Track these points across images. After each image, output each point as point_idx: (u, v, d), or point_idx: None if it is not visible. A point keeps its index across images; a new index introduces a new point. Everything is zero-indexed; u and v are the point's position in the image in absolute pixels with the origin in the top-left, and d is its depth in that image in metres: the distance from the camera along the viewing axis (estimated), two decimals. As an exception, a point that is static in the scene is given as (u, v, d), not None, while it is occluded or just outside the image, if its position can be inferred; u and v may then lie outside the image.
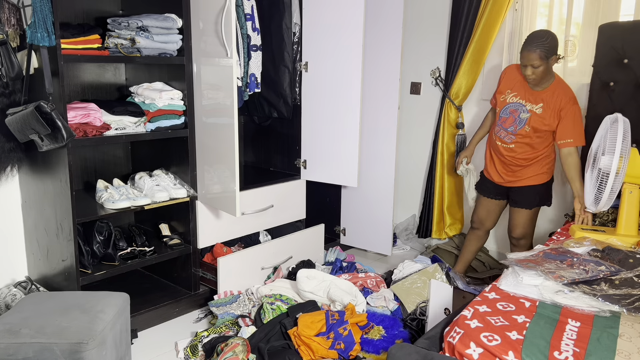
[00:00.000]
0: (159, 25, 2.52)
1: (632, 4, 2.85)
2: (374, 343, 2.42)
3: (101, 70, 2.90)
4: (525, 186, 2.75)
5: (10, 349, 1.72)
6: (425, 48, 3.63)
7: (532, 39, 2.51)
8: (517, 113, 2.65)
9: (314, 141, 3.21)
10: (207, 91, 2.59)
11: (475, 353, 1.51)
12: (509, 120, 2.68)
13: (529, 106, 2.63)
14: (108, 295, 2.05)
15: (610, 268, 1.91)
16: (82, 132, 2.36)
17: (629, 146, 2.25)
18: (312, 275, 2.70)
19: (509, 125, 2.68)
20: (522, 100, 2.66)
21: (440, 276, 2.79)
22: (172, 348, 2.50)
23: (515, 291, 1.85)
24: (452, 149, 3.50)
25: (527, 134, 2.64)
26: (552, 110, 2.59)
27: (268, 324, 2.45)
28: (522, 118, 2.63)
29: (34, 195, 2.56)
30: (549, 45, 2.48)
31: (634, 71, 2.69)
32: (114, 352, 1.92)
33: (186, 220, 2.81)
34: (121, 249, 2.66)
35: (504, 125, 2.70)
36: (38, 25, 2.13)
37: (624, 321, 1.65)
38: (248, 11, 2.91)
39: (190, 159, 2.72)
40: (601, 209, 2.35)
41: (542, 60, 2.48)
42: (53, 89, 2.23)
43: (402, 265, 3.04)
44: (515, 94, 2.69)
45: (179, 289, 2.88)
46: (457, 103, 3.43)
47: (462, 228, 3.64)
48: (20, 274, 2.70)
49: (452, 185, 3.55)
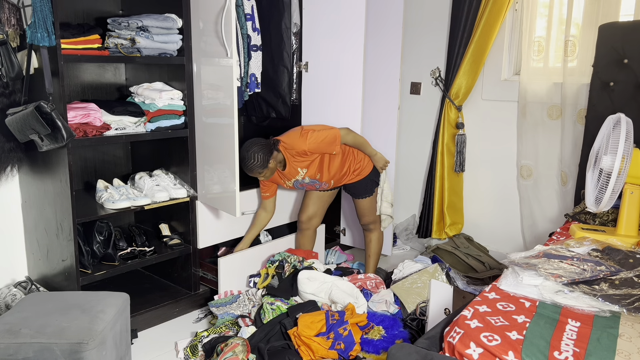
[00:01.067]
0: (159, 25, 2.52)
1: (632, 4, 2.84)
2: (374, 343, 2.42)
3: (101, 70, 2.90)
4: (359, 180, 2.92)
5: (10, 349, 1.72)
6: (425, 48, 3.63)
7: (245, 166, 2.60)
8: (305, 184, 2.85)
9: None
10: (207, 91, 2.59)
11: (475, 353, 1.50)
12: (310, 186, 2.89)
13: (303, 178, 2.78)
14: (108, 295, 2.05)
15: (610, 268, 1.91)
16: (82, 132, 2.36)
17: (631, 147, 2.24)
18: (313, 277, 2.69)
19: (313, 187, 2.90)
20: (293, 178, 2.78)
21: (441, 276, 2.79)
22: (172, 348, 2.50)
23: (515, 291, 1.85)
24: (453, 149, 3.50)
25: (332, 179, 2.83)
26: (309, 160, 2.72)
27: (268, 324, 2.45)
28: (316, 179, 2.80)
29: (34, 195, 2.56)
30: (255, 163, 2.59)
31: (634, 71, 2.69)
32: (114, 352, 1.92)
33: (186, 220, 2.81)
34: (121, 249, 2.66)
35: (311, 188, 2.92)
36: (38, 25, 2.13)
37: (624, 321, 1.65)
38: (248, 11, 2.91)
39: (190, 159, 2.72)
40: (602, 210, 2.34)
41: (262, 169, 2.61)
42: (53, 89, 2.23)
43: (402, 265, 3.04)
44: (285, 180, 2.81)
45: (179, 289, 2.88)
46: (457, 103, 3.43)
47: (463, 228, 3.64)
48: (20, 274, 2.70)
49: (452, 185, 3.55)
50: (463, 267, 3.23)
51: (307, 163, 2.74)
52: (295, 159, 2.72)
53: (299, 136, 2.68)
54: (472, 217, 3.64)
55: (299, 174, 2.76)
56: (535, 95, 3.19)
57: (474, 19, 3.24)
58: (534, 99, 3.20)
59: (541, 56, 3.20)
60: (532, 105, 3.21)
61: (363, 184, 2.94)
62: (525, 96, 3.22)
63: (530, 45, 3.17)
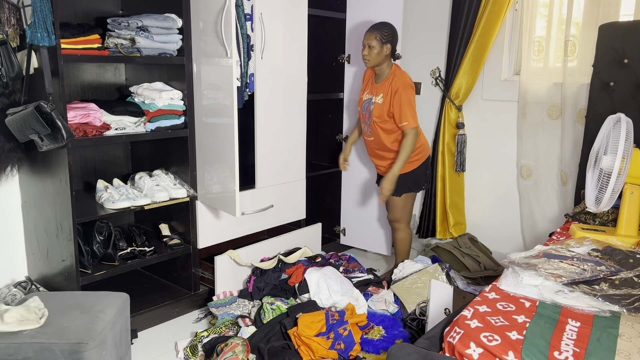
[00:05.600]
0: (159, 25, 2.52)
1: (632, 4, 2.84)
2: (374, 343, 2.42)
3: (101, 70, 2.90)
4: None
5: (10, 349, 1.72)
6: (425, 48, 3.63)
7: (375, 25, 2.83)
8: (368, 107, 2.92)
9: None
10: (207, 91, 2.58)
11: (475, 353, 1.50)
12: (366, 115, 2.97)
13: (374, 99, 2.89)
14: (108, 295, 2.05)
15: (610, 268, 1.91)
16: (82, 132, 2.36)
17: (631, 147, 2.24)
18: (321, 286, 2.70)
19: (367, 120, 2.96)
20: (370, 95, 2.95)
21: (441, 276, 2.79)
22: (172, 348, 2.50)
23: (515, 291, 1.85)
24: (453, 149, 3.50)
25: (375, 124, 2.90)
26: (389, 97, 2.84)
27: (268, 324, 2.45)
28: (370, 110, 2.89)
29: (34, 195, 2.56)
30: (387, 32, 2.81)
31: (634, 71, 2.69)
32: (114, 352, 1.92)
33: (186, 220, 2.81)
34: (121, 249, 2.66)
35: (365, 121, 2.99)
36: (38, 25, 2.13)
37: (624, 321, 1.65)
38: (248, 11, 2.90)
39: (190, 159, 2.72)
40: (602, 210, 2.34)
41: (378, 42, 2.78)
42: (53, 89, 2.23)
43: (402, 265, 3.04)
44: (367, 92, 2.98)
45: (179, 289, 2.88)
46: (457, 103, 3.43)
47: (466, 228, 3.64)
48: (20, 274, 2.70)
49: (454, 185, 3.55)
50: (458, 266, 3.24)
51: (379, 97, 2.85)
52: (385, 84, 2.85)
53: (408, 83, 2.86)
54: (473, 217, 3.64)
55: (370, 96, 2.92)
56: (535, 95, 3.19)
57: (474, 19, 3.24)
58: (534, 99, 3.20)
59: (541, 56, 3.20)
60: (532, 105, 3.21)
61: (400, 181, 2.92)
62: (525, 96, 3.22)
63: (530, 45, 3.17)
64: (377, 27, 2.81)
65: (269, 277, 2.81)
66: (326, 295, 2.63)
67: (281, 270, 2.86)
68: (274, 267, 2.88)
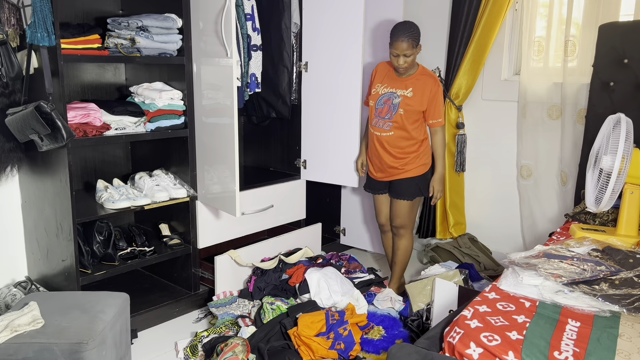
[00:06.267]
0: (159, 25, 2.52)
1: (632, 4, 2.84)
2: (374, 343, 2.42)
3: (101, 70, 2.90)
4: (406, 178, 2.86)
5: (10, 349, 1.72)
6: (425, 48, 3.62)
7: (401, 30, 2.67)
8: (390, 100, 2.82)
9: (314, 141, 3.21)
10: (207, 91, 2.58)
11: (475, 353, 1.50)
12: (385, 109, 2.83)
13: (399, 92, 2.79)
14: (108, 295, 2.05)
15: (610, 268, 1.91)
16: (82, 132, 2.36)
17: (631, 147, 2.24)
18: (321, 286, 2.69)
19: (385, 114, 2.82)
20: (392, 88, 2.81)
21: (459, 280, 2.76)
22: (172, 348, 2.49)
23: (515, 291, 1.85)
24: (453, 149, 3.50)
25: (401, 117, 2.78)
26: (421, 92, 2.75)
27: (268, 324, 2.45)
28: (395, 103, 2.79)
29: (34, 195, 2.56)
30: (416, 34, 2.69)
31: (634, 71, 2.69)
32: (114, 352, 1.92)
33: (186, 220, 2.81)
34: (121, 249, 2.66)
35: (381, 114, 2.84)
36: (38, 25, 2.13)
37: (624, 321, 1.65)
38: (248, 11, 2.91)
39: (190, 159, 2.72)
40: (602, 209, 2.34)
41: (413, 49, 2.68)
42: (53, 89, 2.23)
43: (429, 269, 3.01)
44: (385, 85, 2.85)
45: (179, 289, 2.88)
46: (457, 103, 3.43)
47: (466, 228, 3.64)
48: (20, 274, 2.70)
49: (454, 185, 3.55)
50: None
51: (408, 90, 2.76)
52: (413, 78, 2.77)
53: (438, 80, 2.80)
54: (473, 217, 3.64)
55: (393, 89, 2.80)
56: (535, 95, 3.19)
57: (474, 18, 3.24)
58: (534, 99, 3.20)
59: (541, 56, 3.20)
60: (532, 105, 3.21)
61: (406, 185, 2.84)
62: (525, 96, 3.22)
63: (530, 45, 3.17)
64: (405, 34, 2.64)
65: (270, 277, 2.81)
66: (327, 295, 2.63)
67: (282, 271, 2.86)
68: (274, 267, 2.88)
